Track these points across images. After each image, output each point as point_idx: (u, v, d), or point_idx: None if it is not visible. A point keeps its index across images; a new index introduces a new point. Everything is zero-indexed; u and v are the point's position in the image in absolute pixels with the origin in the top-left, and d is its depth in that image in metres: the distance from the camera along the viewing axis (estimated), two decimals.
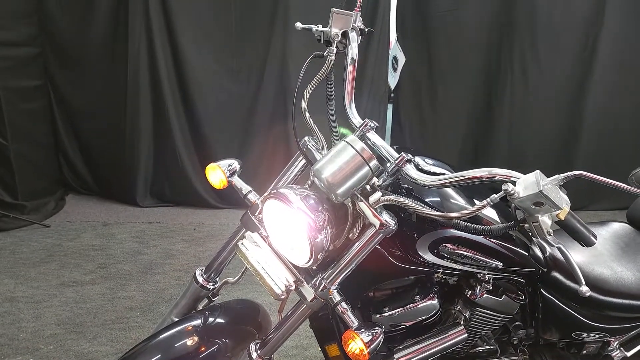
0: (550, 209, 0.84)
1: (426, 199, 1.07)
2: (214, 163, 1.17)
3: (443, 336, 1.18)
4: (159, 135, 3.47)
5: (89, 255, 2.76)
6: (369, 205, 0.96)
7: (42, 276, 2.48)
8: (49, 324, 2.11)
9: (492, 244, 1.12)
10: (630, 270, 1.37)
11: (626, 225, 1.55)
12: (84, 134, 3.53)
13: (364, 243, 1.00)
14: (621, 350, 1.41)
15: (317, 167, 0.93)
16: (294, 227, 0.96)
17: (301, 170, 1.15)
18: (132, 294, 2.40)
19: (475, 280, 1.19)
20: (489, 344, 1.35)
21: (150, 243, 2.98)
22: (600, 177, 0.85)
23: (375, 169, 0.93)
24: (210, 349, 1.12)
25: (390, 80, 3.70)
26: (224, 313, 1.21)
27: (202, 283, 1.25)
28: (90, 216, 3.30)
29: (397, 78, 3.68)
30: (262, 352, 1.11)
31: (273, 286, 1.02)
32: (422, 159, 1.09)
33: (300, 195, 0.96)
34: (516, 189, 0.84)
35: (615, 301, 1.29)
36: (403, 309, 1.17)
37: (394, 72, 3.66)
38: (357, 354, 0.97)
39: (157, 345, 1.08)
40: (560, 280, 1.27)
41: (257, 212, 1.12)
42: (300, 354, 2.03)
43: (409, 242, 1.09)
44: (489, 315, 1.22)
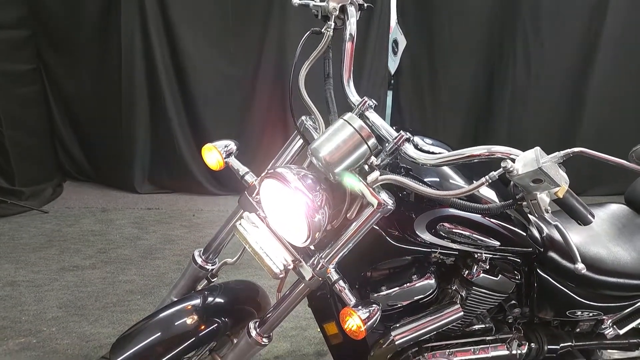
0: (549, 186, 0.85)
1: (425, 179, 1.08)
2: (210, 144, 1.16)
3: (439, 314, 1.20)
4: (156, 121, 3.45)
5: (88, 240, 2.77)
6: (367, 184, 0.97)
7: (42, 261, 2.49)
8: (50, 307, 2.13)
9: (490, 223, 1.12)
10: (626, 250, 1.38)
11: (624, 207, 1.56)
12: (80, 120, 3.50)
13: (362, 222, 1.00)
14: (614, 328, 1.43)
15: (314, 145, 0.93)
16: (292, 207, 0.97)
17: (299, 150, 1.15)
18: (132, 278, 2.41)
19: (472, 259, 1.20)
20: (485, 322, 1.37)
21: (150, 229, 2.99)
22: (600, 154, 0.85)
23: (374, 147, 0.93)
24: (210, 328, 1.13)
25: (390, 64, 3.66)
26: (223, 293, 1.22)
27: (200, 264, 1.25)
28: (89, 202, 3.31)
29: (397, 62, 3.64)
30: (261, 330, 1.12)
31: (272, 266, 1.03)
32: (421, 139, 1.09)
33: (297, 174, 0.96)
34: (515, 166, 0.84)
35: (610, 280, 1.31)
36: (400, 288, 1.18)
37: (394, 56, 3.63)
38: (355, 331, 0.98)
39: (157, 324, 1.09)
40: (557, 260, 1.29)
41: (255, 193, 1.13)
42: (299, 334, 2.05)
43: (407, 222, 1.10)
44: (485, 294, 1.23)
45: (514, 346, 1.36)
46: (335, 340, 1.28)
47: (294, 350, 1.96)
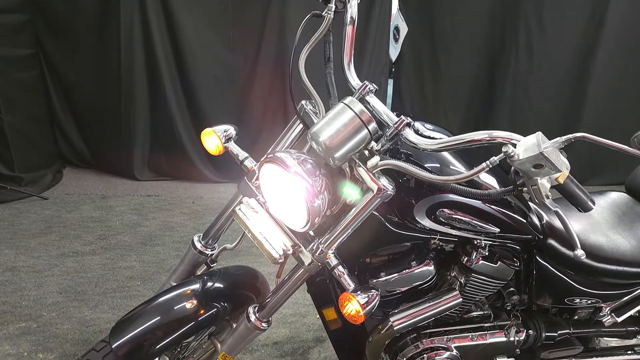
0: (550, 171, 0.84)
1: (425, 165, 1.07)
2: (210, 128, 1.15)
3: (438, 300, 1.20)
4: (155, 108, 3.43)
5: (88, 226, 2.77)
6: (367, 169, 0.96)
7: (42, 247, 2.50)
8: (50, 292, 2.14)
9: (490, 209, 1.12)
10: (626, 238, 1.38)
11: (624, 195, 1.55)
12: (79, 106, 3.48)
13: (362, 208, 1.00)
14: (612, 316, 1.44)
15: (314, 130, 0.92)
16: (291, 192, 0.96)
17: (298, 135, 1.14)
18: (132, 264, 2.42)
19: (472, 246, 1.20)
20: (483, 309, 1.37)
21: (149, 215, 2.99)
22: (602, 139, 0.84)
23: (374, 132, 0.92)
24: (209, 312, 1.13)
25: (391, 51, 3.63)
26: (222, 278, 1.22)
27: (200, 249, 1.25)
28: (88, 189, 3.30)
29: (398, 49, 3.61)
30: (261, 314, 1.13)
31: (271, 251, 1.03)
32: (421, 124, 1.08)
33: (297, 159, 0.95)
34: (516, 151, 0.83)
35: (609, 268, 1.31)
36: (399, 274, 1.18)
37: (395, 43, 3.59)
38: (353, 316, 0.98)
39: (156, 308, 1.09)
40: (556, 248, 1.29)
41: (254, 178, 1.12)
42: (298, 320, 2.07)
43: (407, 208, 1.09)
44: (484, 281, 1.23)
45: (512, 333, 1.37)
46: (334, 325, 1.29)
47: (293, 336, 1.97)
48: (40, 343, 1.82)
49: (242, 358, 1.83)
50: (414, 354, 1.29)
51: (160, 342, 1.05)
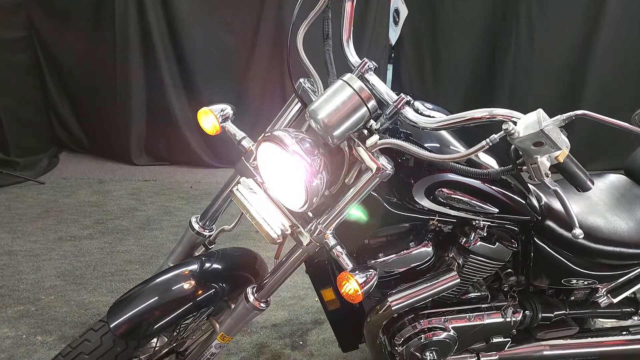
0: (550, 149, 0.83)
1: (425, 145, 1.06)
2: (206, 107, 1.14)
3: (436, 281, 1.21)
4: (152, 91, 3.39)
5: (85, 211, 2.76)
6: (366, 149, 0.95)
7: (39, 231, 2.49)
8: (48, 276, 2.14)
9: (489, 189, 1.11)
10: (624, 219, 1.38)
11: (623, 177, 1.55)
12: (74, 89, 3.44)
13: (360, 188, 0.99)
14: (608, 297, 1.45)
15: (312, 107, 0.91)
16: (289, 171, 0.95)
17: (297, 114, 1.13)
18: (130, 248, 2.42)
19: (470, 227, 1.19)
20: (480, 290, 1.38)
21: (147, 200, 2.99)
22: (603, 116, 0.83)
23: (374, 110, 0.91)
24: (207, 293, 1.13)
25: (391, 34, 3.58)
26: (220, 259, 1.22)
27: (198, 230, 1.25)
28: (85, 173, 3.28)
29: (398, 32, 3.56)
30: (259, 295, 1.13)
31: (269, 231, 1.02)
32: (421, 104, 1.07)
33: (295, 138, 0.94)
34: (517, 129, 0.82)
35: (606, 249, 1.31)
36: (397, 255, 1.19)
37: (395, 26, 3.54)
38: (351, 295, 0.99)
39: (154, 288, 1.09)
40: (554, 229, 1.29)
41: (252, 158, 1.11)
42: (297, 303, 2.08)
43: (405, 188, 1.09)
44: (482, 262, 1.24)
45: (509, 313, 1.38)
46: (332, 306, 1.29)
47: (292, 318, 1.99)
48: (39, 326, 1.83)
49: (240, 340, 1.84)
50: (412, 334, 1.30)
51: (158, 322, 1.05)
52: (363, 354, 1.78)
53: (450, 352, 1.35)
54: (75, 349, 1.02)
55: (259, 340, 1.85)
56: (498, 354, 1.49)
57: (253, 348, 1.81)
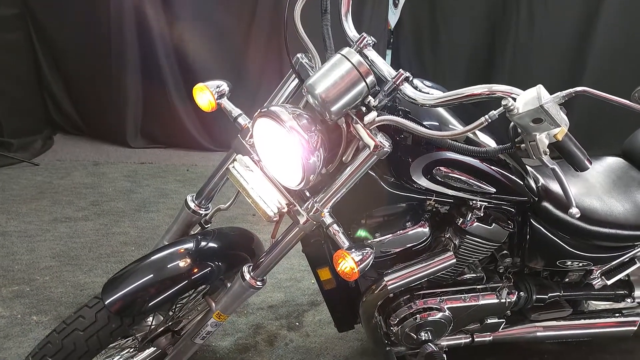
0: (549, 126, 0.83)
1: (423, 123, 1.05)
2: (202, 83, 1.12)
3: (432, 261, 1.21)
4: (147, 72, 3.34)
5: (80, 193, 2.74)
6: (364, 125, 0.94)
7: (33, 212, 2.48)
8: (43, 256, 2.13)
9: (488, 168, 1.11)
10: (620, 201, 1.38)
11: (620, 160, 1.55)
12: (68, 70, 3.38)
13: (358, 165, 0.99)
14: (602, 278, 1.46)
15: (310, 82, 0.89)
16: (286, 148, 0.94)
17: (294, 90, 1.11)
18: (126, 230, 2.41)
19: (467, 208, 1.19)
20: (476, 271, 1.39)
21: (143, 182, 2.97)
22: (603, 93, 0.82)
23: (372, 85, 0.90)
24: (203, 271, 1.12)
25: (390, 17, 3.53)
26: (217, 238, 1.21)
27: (193, 208, 1.24)
28: (80, 155, 3.25)
29: (397, 15, 3.51)
30: (255, 273, 1.13)
31: (265, 209, 1.02)
32: (420, 81, 1.06)
33: (292, 114, 0.93)
34: (516, 105, 0.82)
35: (601, 230, 1.31)
36: (393, 235, 1.18)
37: (395, 9, 3.49)
38: (347, 273, 0.98)
39: (149, 266, 1.08)
40: (550, 210, 1.29)
41: (248, 136, 1.10)
42: (293, 285, 2.09)
43: (403, 167, 1.08)
44: (478, 243, 1.24)
45: (504, 294, 1.39)
46: (328, 285, 1.29)
47: (288, 300, 1.99)
48: (34, 306, 1.83)
49: (237, 320, 1.85)
50: (407, 315, 1.31)
51: (154, 299, 1.05)
52: (359, 335, 1.79)
53: (445, 332, 1.36)
54: (69, 325, 1.01)
55: (255, 321, 1.86)
56: (492, 335, 1.51)
57: (249, 329, 1.82)
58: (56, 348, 0.99)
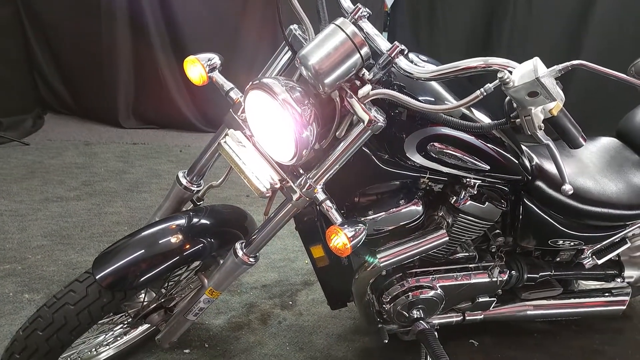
0: (545, 100, 0.82)
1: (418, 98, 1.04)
2: (193, 56, 1.10)
3: (424, 239, 1.21)
4: (139, 51, 3.28)
5: (72, 172, 2.71)
6: (358, 99, 0.92)
7: (24, 191, 2.45)
8: (35, 235, 2.11)
9: (482, 145, 1.10)
10: (613, 181, 1.38)
11: (614, 140, 1.55)
12: (59, 48, 3.31)
13: (352, 141, 0.97)
14: (593, 258, 1.47)
15: (303, 52, 0.87)
16: (279, 121, 0.93)
17: (287, 63, 1.09)
18: (118, 210, 2.40)
19: (461, 186, 1.19)
20: (469, 250, 1.39)
21: (136, 163, 2.94)
22: (600, 67, 0.81)
23: (367, 57, 0.88)
24: (195, 247, 1.12)
25: None
26: (209, 215, 1.20)
27: (185, 185, 1.23)
28: (71, 135, 3.21)
29: None
30: (248, 250, 1.12)
31: (257, 184, 1.01)
32: (415, 55, 1.04)
33: (285, 86, 0.91)
34: (512, 77, 0.81)
35: (594, 210, 1.32)
36: (387, 212, 1.18)
37: None
38: (340, 248, 0.98)
39: (140, 241, 1.07)
40: (544, 189, 1.29)
41: (240, 110, 1.08)
42: (287, 265, 2.09)
43: (397, 144, 1.07)
44: (471, 221, 1.24)
45: (495, 273, 1.39)
46: (321, 263, 1.29)
47: (282, 279, 2.00)
48: (26, 284, 1.82)
49: (230, 299, 1.85)
50: (399, 292, 1.32)
51: (145, 274, 1.04)
52: (351, 313, 1.81)
53: (436, 310, 1.37)
54: (60, 300, 1.01)
55: (249, 300, 1.86)
56: (483, 314, 1.52)
57: (242, 307, 1.82)
58: (47, 322, 0.99)
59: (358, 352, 1.64)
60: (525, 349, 1.70)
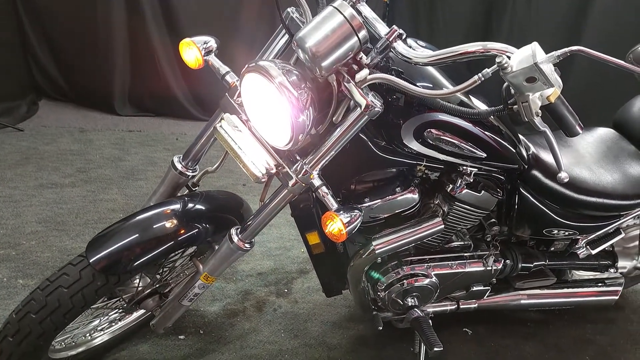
0: (543, 86, 0.81)
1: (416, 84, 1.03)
2: (189, 39, 1.08)
3: (420, 226, 1.21)
4: (135, 38, 3.24)
5: (67, 159, 2.69)
6: (356, 84, 0.92)
7: (19, 177, 2.43)
8: (29, 221, 2.10)
9: (480, 132, 1.10)
10: (609, 171, 1.39)
11: (611, 131, 1.55)
12: (53, 33, 3.25)
13: (348, 126, 0.97)
14: (587, 248, 1.48)
15: (300, 35, 0.86)
16: (275, 105, 0.92)
17: (284, 46, 1.08)
18: (114, 197, 2.38)
19: (457, 174, 1.19)
20: (464, 239, 1.40)
21: (131, 150, 2.92)
22: (598, 53, 0.81)
23: (364, 40, 0.87)
24: (190, 232, 1.11)
25: None
26: (204, 200, 1.20)
27: (180, 170, 1.22)
28: (66, 122, 3.18)
29: None
30: (243, 235, 1.12)
31: (253, 169, 1.00)
32: (414, 41, 1.03)
33: (282, 69, 0.90)
34: (510, 62, 0.80)
35: (589, 199, 1.32)
36: (383, 200, 1.18)
37: None
38: (336, 234, 0.98)
39: (135, 225, 1.07)
40: (540, 179, 1.29)
41: (236, 94, 1.07)
42: (283, 254, 2.09)
43: (394, 130, 1.07)
44: (467, 210, 1.24)
45: (490, 262, 1.40)
46: (317, 250, 1.29)
47: (277, 268, 2.00)
48: (20, 270, 1.81)
49: (225, 287, 1.85)
50: (394, 280, 1.32)
51: (139, 258, 1.04)
52: (346, 302, 1.81)
53: (431, 298, 1.38)
54: (53, 283, 1.00)
55: (244, 288, 1.86)
56: (477, 302, 1.53)
57: (238, 295, 1.82)
58: (40, 305, 0.98)
59: (353, 340, 1.64)
60: (519, 338, 1.71)
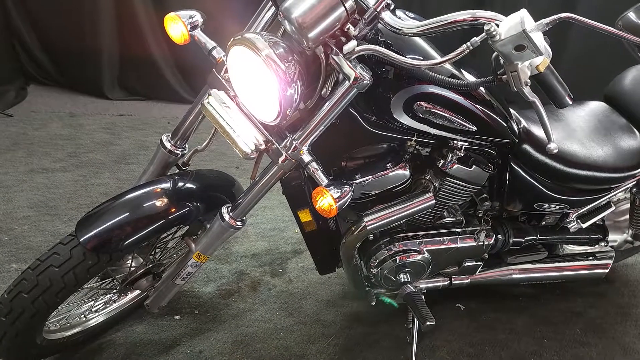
0: (532, 54, 0.81)
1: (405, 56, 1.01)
2: (174, 13, 1.06)
3: (411, 202, 1.21)
4: (123, 20, 3.18)
5: (57, 144, 2.66)
6: (344, 55, 0.90)
7: (8, 163, 2.41)
8: (21, 206, 2.08)
9: (470, 105, 1.09)
10: (600, 144, 1.39)
11: (602, 104, 1.55)
12: (39, 16, 3.19)
13: (337, 99, 0.96)
14: (578, 222, 1.49)
15: (286, 5, 0.85)
16: (262, 79, 0.90)
17: (271, 19, 1.06)
18: (106, 181, 2.37)
19: (448, 149, 1.18)
20: (456, 215, 1.40)
21: (122, 134, 2.89)
22: (587, 20, 0.80)
23: (351, 10, 0.85)
24: (181, 211, 1.11)
25: None
26: (195, 179, 1.19)
27: (170, 148, 1.21)
28: (56, 107, 3.14)
29: None
30: (234, 213, 1.11)
31: (242, 145, 0.99)
32: (402, 12, 1.01)
33: (269, 42, 0.88)
34: (499, 30, 0.79)
35: (580, 173, 1.32)
36: (374, 176, 1.18)
37: None
38: (326, 209, 0.98)
39: (125, 204, 1.06)
40: (530, 153, 1.29)
41: (223, 70, 1.05)
42: (277, 234, 2.10)
43: (384, 104, 1.06)
44: (458, 185, 1.24)
45: (482, 237, 1.41)
46: (309, 227, 1.29)
47: (272, 248, 2.01)
48: (13, 254, 1.80)
49: (220, 267, 1.86)
50: (387, 257, 1.33)
51: (130, 237, 1.04)
52: (340, 280, 1.83)
53: (423, 274, 1.39)
54: (44, 262, 1.00)
55: (239, 268, 1.87)
56: (469, 278, 1.54)
57: (232, 275, 1.83)
58: (31, 284, 0.98)
59: (347, 317, 1.66)
60: (510, 312, 1.74)
